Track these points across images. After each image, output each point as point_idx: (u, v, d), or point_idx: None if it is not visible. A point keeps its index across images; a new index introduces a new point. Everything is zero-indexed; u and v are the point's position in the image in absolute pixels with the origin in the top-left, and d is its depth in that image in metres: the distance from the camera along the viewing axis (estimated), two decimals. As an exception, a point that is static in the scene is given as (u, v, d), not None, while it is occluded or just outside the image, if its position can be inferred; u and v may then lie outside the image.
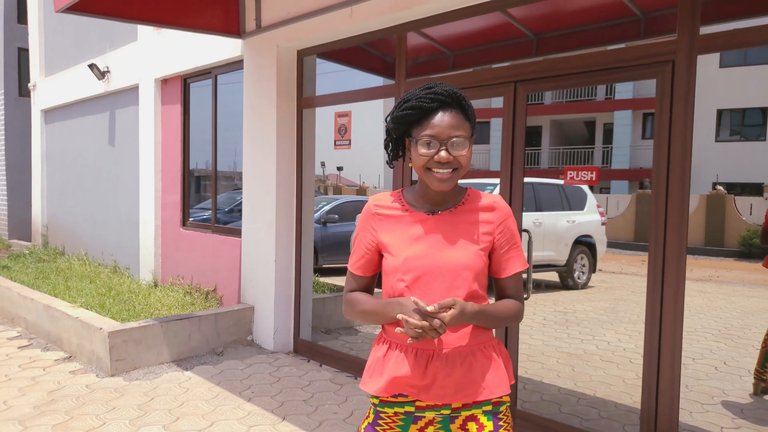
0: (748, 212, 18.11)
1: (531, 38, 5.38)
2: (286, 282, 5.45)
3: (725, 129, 23.80)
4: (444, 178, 1.60)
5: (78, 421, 3.86)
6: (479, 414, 1.64)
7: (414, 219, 1.70)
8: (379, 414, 1.70)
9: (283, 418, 3.96)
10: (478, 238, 1.67)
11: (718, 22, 4.26)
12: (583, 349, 5.96)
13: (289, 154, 5.41)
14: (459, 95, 1.64)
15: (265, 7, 5.30)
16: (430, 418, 1.66)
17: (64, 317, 5.40)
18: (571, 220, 9.76)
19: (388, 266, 1.69)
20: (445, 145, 1.59)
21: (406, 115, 1.63)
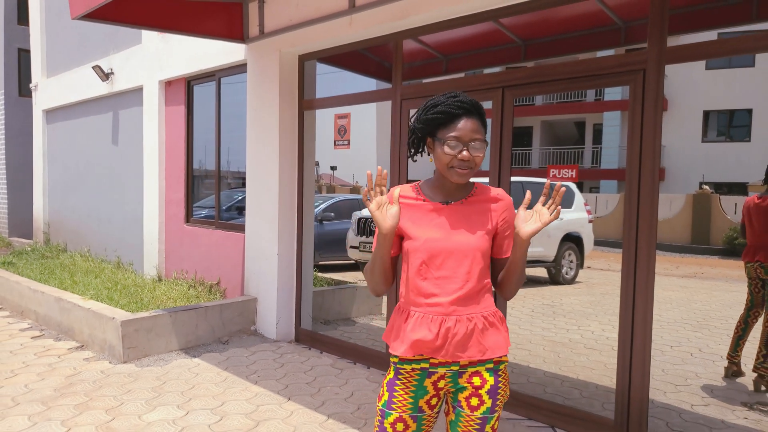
0: (732, 211, 18.52)
1: (519, 44, 5.71)
2: (288, 274, 5.76)
3: (712, 130, 24.24)
4: (463, 174, 1.89)
5: (97, 402, 4.15)
6: (483, 370, 1.93)
7: (431, 207, 1.98)
8: (398, 370, 1.97)
9: (289, 398, 4.27)
10: (484, 224, 1.96)
11: (686, 32, 4.62)
12: (569, 338, 6.30)
13: (291, 154, 5.71)
14: (479, 105, 1.93)
15: (268, 14, 5.60)
16: (442, 373, 1.93)
17: (76, 308, 5.68)
18: (560, 217, 10.10)
19: (408, 247, 1.96)
20: (466, 146, 1.87)
21: (435, 119, 1.90)
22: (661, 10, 3.37)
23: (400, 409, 1.93)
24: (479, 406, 1.91)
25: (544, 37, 5.67)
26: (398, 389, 1.95)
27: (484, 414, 1.92)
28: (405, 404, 1.94)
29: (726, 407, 4.33)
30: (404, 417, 1.93)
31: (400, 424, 1.93)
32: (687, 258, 16.63)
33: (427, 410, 1.96)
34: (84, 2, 4.56)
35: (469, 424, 1.93)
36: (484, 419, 1.92)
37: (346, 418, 3.92)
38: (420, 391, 1.95)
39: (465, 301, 1.91)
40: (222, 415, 3.94)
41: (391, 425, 1.93)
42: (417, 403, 1.94)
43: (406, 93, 4.74)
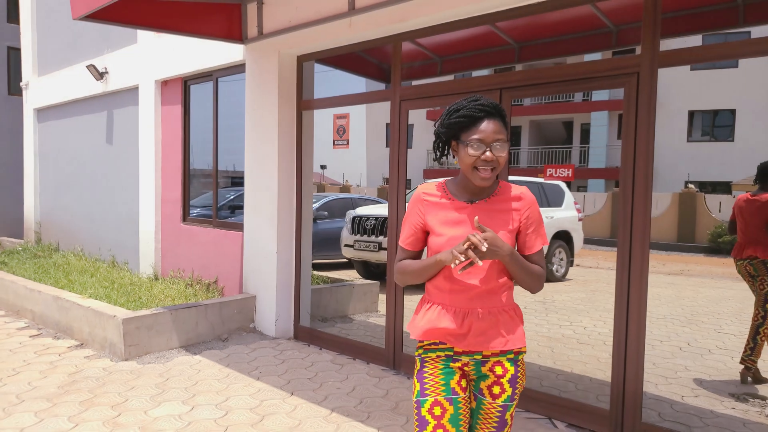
0: (717, 210, 18.83)
1: (513, 46, 5.83)
2: (286, 272, 5.84)
3: (697, 130, 24.57)
4: (486, 177, 1.94)
5: (102, 398, 4.21)
6: (504, 360, 2.02)
7: (456, 206, 2.04)
8: (424, 360, 2.06)
9: (292, 393, 4.36)
10: (508, 222, 2.02)
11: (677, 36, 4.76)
12: (562, 333, 6.44)
13: (290, 153, 5.79)
14: (500, 107, 1.98)
15: (266, 15, 5.67)
16: (465, 361, 2.02)
17: (75, 307, 5.72)
18: (550, 216, 10.26)
19: (434, 244, 2.03)
20: (489, 147, 1.92)
21: (458, 122, 1.96)
22: (653, 16, 3.50)
23: (434, 393, 1.99)
24: (501, 394, 2.01)
25: (537, 39, 5.80)
26: (428, 376, 2.02)
27: (505, 402, 2.01)
28: (438, 387, 1.99)
29: (715, 398, 4.48)
30: (440, 399, 1.97)
31: (438, 408, 1.97)
32: (673, 256, 16.89)
33: (460, 392, 2.01)
34: (86, 3, 4.61)
35: (490, 412, 2.02)
36: (505, 407, 2.02)
37: (349, 412, 4.01)
38: (449, 374, 2.01)
39: (488, 295, 2.00)
40: (227, 410, 4.02)
41: (428, 411, 1.97)
42: (449, 385, 2.00)
43: (405, 94, 4.84)
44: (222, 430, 3.72)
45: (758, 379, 4.78)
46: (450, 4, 4.20)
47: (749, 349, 4.70)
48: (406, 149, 4.89)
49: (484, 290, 1.99)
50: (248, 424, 3.80)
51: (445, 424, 1.96)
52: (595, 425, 3.78)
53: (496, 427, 2.05)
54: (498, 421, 2.04)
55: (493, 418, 2.03)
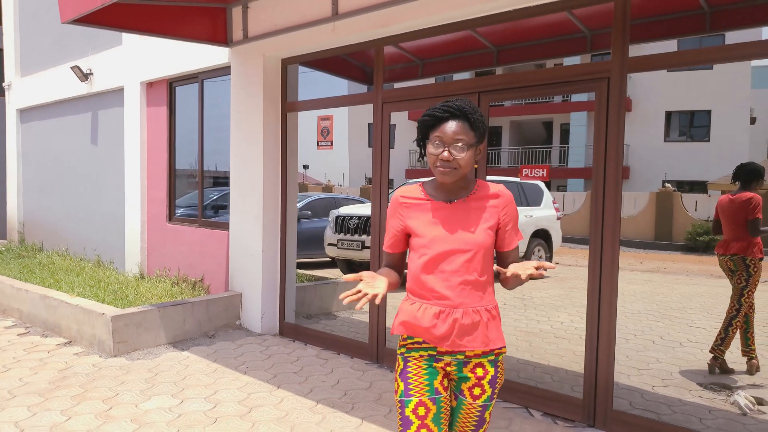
0: (693, 209, 19.24)
1: (492, 50, 6.03)
2: (272, 270, 5.98)
3: (674, 130, 25.05)
4: (444, 172, 1.99)
5: (93, 393, 4.31)
6: (485, 362, 2.05)
7: (435, 206, 2.08)
8: (407, 359, 2.07)
9: (278, 386, 4.50)
10: (486, 220, 2.06)
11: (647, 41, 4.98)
12: (539, 328, 6.65)
13: (275, 154, 5.93)
14: (466, 109, 2.01)
15: (252, 19, 5.80)
16: (448, 361, 2.04)
17: (63, 305, 5.79)
18: (529, 214, 10.49)
19: (415, 245, 2.08)
20: (448, 147, 1.98)
21: (425, 121, 2.04)
22: (623, 23, 3.70)
23: (419, 393, 2.01)
24: (481, 395, 2.05)
25: (515, 43, 6.00)
26: (411, 376, 2.04)
27: (485, 402, 2.06)
28: (422, 388, 2.02)
29: (683, 388, 4.70)
30: (424, 400, 2.00)
31: (422, 408, 1.99)
32: (651, 254, 17.24)
33: (442, 391, 2.03)
34: (74, 8, 4.71)
35: (470, 412, 2.07)
36: (485, 406, 2.07)
37: (334, 403, 4.17)
38: (432, 374, 2.04)
39: (469, 294, 2.03)
40: (216, 403, 4.15)
41: (412, 412, 1.99)
42: (433, 384, 2.02)
43: (387, 97, 5.00)
44: (212, 421, 3.85)
45: (725, 369, 5.02)
46: (429, 11, 4.37)
47: (720, 339, 4.94)
48: (388, 150, 5.05)
49: (467, 289, 2.02)
50: (237, 416, 3.93)
51: (428, 423, 1.99)
52: (569, 413, 3.98)
53: (475, 426, 2.10)
54: (477, 420, 2.09)
55: (473, 417, 2.08)
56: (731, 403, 4.30)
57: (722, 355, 4.99)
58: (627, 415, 3.79)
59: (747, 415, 4.10)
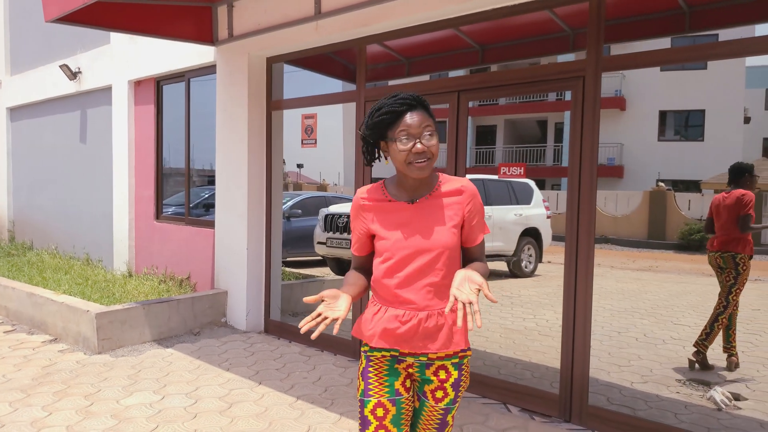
0: (687, 208, 19.32)
1: (477, 49, 6.07)
2: (257, 268, 6.01)
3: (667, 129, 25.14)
4: (422, 167, 1.91)
5: (76, 389, 4.34)
6: (448, 365, 2.00)
7: (397, 207, 2.00)
8: (369, 358, 2.03)
9: (260, 382, 4.53)
10: (451, 218, 1.99)
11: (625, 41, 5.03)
12: (524, 325, 6.69)
13: (259, 152, 5.96)
14: (420, 98, 1.95)
15: (237, 18, 5.83)
16: (410, 362, 2.00)
17: (49, 303, 5.82)
18: (519, 213, 10.54)
19: (379, 248, 2.02)
20: (419, 138, 1.90)
21: (383, 120, 1.93)
22: (597, 23, 3.74)
23: (378, 394, 1.98)
24: (443, 398, 2.01)
25: (500, 42, 6.04)
26: (372, 376, 2.01)
27: (447, 405, 2.02)
28: (382, 389, 1.99)
29: (662, 384, 4.75)
30: (383, 401, 1.97)
31: (380, 410, 1.97)
32: (644, 252, 17.32)
33: (403, 392, 2.00)
34: (58, 6, 4.73)
35: (432, 415, 2.03)
36: (447, 410, 2.03)
37: (314, 399, 4.20)
38: (393, 374, 2.00)
39: (434, 295, 1.97)
40: (197, 399, 4.18)
41: (371, 412, 1.97)
42: (393, 386, 1.99)
43: (370, 95, 5.03)
44: (191, 416, 3.88)
45: (705, 365, 5.07)
46: (409, 11, 4.41)
47: (705, 333, 5.01)
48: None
49: (432, 290, 1.96)
50: (217, 411, 3.96)
51: (387, 424, 1.97)
52: (546, 409, 4.02)
53: (437, 429, 2.06)
54: (439, 423, 2.05)
55: (435, 420, 2.04)
56: (707, 399, 4.35)
57: (705, 351, 5.05)
58: (602, 411, 3.83)
59: (722, 410, 4.15)
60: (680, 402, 4.34)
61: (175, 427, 3.72)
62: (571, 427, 3.82)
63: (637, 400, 4.37)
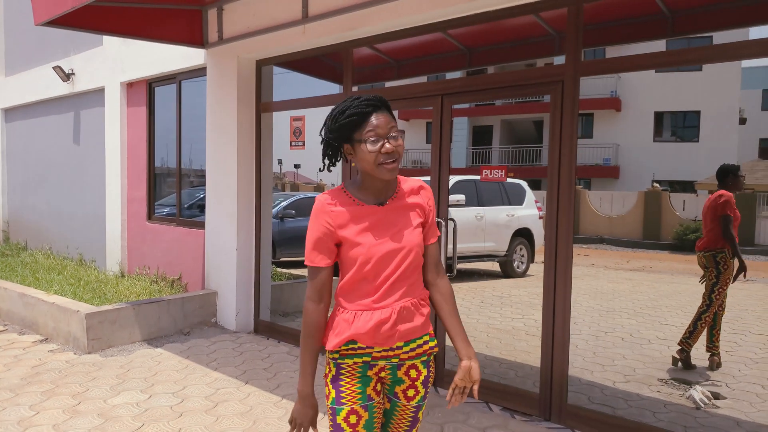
0: (681, 208, 19.40)
1: (465, 52, 6.13)
2: (246, 268, 6.07)
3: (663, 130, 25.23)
4: (392, 168, 1.91)
5: (64, 388, 4.40)
6: (418, 363, 2.03)
7: (367, 211, 1.97)
8: (340, 366, 1.99)
9: (246, 382, 4.60)
10: (416, 217, 2.03)
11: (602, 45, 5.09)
12: (512, 325, 6.76)
13: (249, 153, 6.02)
14: (384, 99, 1.96)
15: (226, 21, 5.89)
16: (382, 365, 1.99)
17: (40, 303, 5.87)
18: (511, 214, 10.60)
19: (353, 254, 1.95)
20: (387, 138, 1.90)
21: (349, 122, 1.90)
22: (576, 28, 3.80)
23: (351, 402, 1.97)
24: (415, 396, 2.04)
25: (488, 45, 6.10)
26: (344, 385, 1.99)
27: (418, 402, 2.05)
28: (354, 396, 1.97)
29: (644, 384, 4.81)
30: (355, 408, 1.96)
31: (353, 417, 1.96)
32: (638, 252, 17.38)
33: (375, 397, 2.01)
34: (47, 10, 4.79)
35: (405, 413, 2.05)
36: (418, 407, 2.06)
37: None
38: (365, 381, 2.00)
39: (408, 293, 2.00)
40: (183, 398, 4.24)
41: (344, 420, 1.96)
42: (365, 392, 1.98)
43: (356, 98, 5.08)
44: (177, 415, 3.94)
45: (688, 364, 5.14)
46: (393, 15, 4.47)
47: (688, 332, 5.10)
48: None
49: (407, 290, 1.99)
50: (202, 410, 4.02)
51: (360, 430, 1.98)
52: (527, 407, 4.08)
53: (408, 426, 2.09)
54: (411, 420, 2.09)
55: (407, 418, 2.07)
56: (687, 398, 4.42)
57: (689, 349, 5.13)
58: (582, 409, 3.89)
59: (700, 409, 4.21)
60: (660, 401, 4.40)
61: (160, 425, 3.78)
62: (551, 426, 3.89)
63: (618, 399, 4.44)
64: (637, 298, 8.98)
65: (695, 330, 5.07)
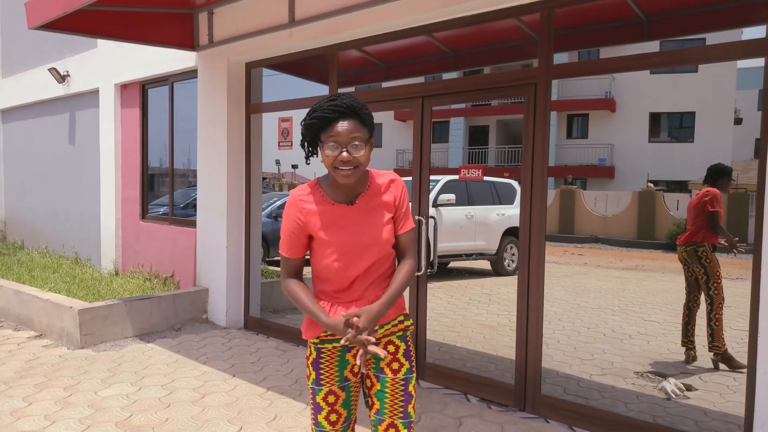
0: (675, 208, 19.54)
1: (451, 55, 6.28)
2: (236, 266, 6.21)
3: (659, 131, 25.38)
4: (347, 174, 1.95)
5: (56, 381, 4.54)
6: (394, 338, 2.15)
7: (337, 209, 2.06)
8: (320, 350, 2.13)
9: (234, 375, 4.74)
10: (386, 213, 2.10)
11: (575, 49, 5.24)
12: (498, 321, 6.91)
13: (238, 154, 6.17)
14: (355, 106, 1.95)
15: (216, 24, 6.03)
16: None
17: (35, 300, 6.02)
18: (501, 213, 10.75)
19: (321, 250, 2.07)
20: (346, 147, 1.93)
21: (314, 124, 1.97)
22: (548, 32, 3.95)
23: (329, 383, 2.12)
24: (400, 368, 2.12)
25: (472, 48, 6.25)
26: (323, 367, 2.13)
27: (405, 375, 2.12)
28: (332, 378, 2.13)
29: (620, 376, 4.96)
30: (333, 389, 2.13)
31: (331, 397, 2.13)
32: (632, 252, 17.51)
33: (351, 378, 2.15)
34: (41, 14, 4.93)
35: (395, 387, 2.10)
36: (407, 379, 2.12)
37: (284, 390, 4.41)
38: (343, 364, 2.13)
39: (378, 285, 2.12)
40: (171, 390, 4.39)
41: (323, 399, 2.13)
42: (342, 374, 2.14)
43: (341, 99, 5.23)
44: (165, 406, 4.09)
45: (728, 360, 5.07)
46: (374, 20, 4.63)
47: (709, 336, 5.08)
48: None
49: (374, 282, 2.10)
50: (189, 401, 4.17)
51: (338, 408, 2.14)
52: (503, 398, 4.23)
53: (403, 401, 2.11)
54: (404, 394, 2.11)
55: (399, 393, 2.10)
56: (659, 390, 4.57)
57: (721, 350, 5.06)
58: (555, 400, 4.04)
59: (671, 399, 4.36)
60: (633, 392, 4.55)
61: (148, 415, 3.93)
62: (525, 415, 4.04)
63: (593, 390, 4.59)
64: (624, 295, 9.13)
65: (713, 332, 5.04)
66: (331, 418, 2.14)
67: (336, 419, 2.15)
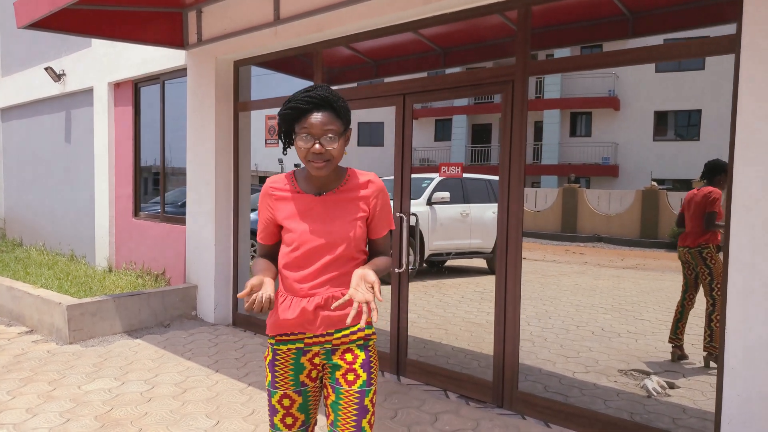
0: (678, 206, 19.43)
1: (439, 52, 6.29)
2: (225, 263, 6.26)
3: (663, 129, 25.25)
4: (319, 167, 1.93)
5: (41, 376, 4.60)
6: (354, 347, 2.05)
7: (304, 199, 2.04)
8: (276, 351, 2.08)
9: (217, 370, 4.78)
10: (357, 211, 2.05)
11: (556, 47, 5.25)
12: (487, 319, 6.91)
13: (227, 152, 6.20)
14: (330, 98, 1.92)
15: (205, 23, 6.07)
16: (316, 351, 2.05)
17: (26, 296, 6.08)
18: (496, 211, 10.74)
19: (287, 239, 2.05)
20: (318, 140, 1.90)
21: (287, 114, 1.94)
22: (525, 30, 3.96)
23: (284, 386, 2.06)
24: (356, 380, 2.02)
25: (460, 45, 6.25)
26: (278, 369, 2.07)
27: (361, 387, 2.01)
28: (287, 382, 2.06)
29: (603, 374, 4.96)
30: (288, 393, 2.06)
31: (287, 400, 2.07)
32: (635, 251, 17.44)
33: (309, 383, 2.09)
34: (28, 13, 4.99)
35: (349, 400, 2.00)
36: (362, 392, 2.01)
37: (264, 386, 4.44)
38: (298, 368, 2.06)
39: (340, 283, 2.04)
40: (154, 385, 4.43)
41: (278, 402, 2.07)
42: (298, 379, 2.07)
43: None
44: (146, 400, 4.13)
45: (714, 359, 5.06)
46: (356, 18, 4.66)
47: (708, 336, 5.07)
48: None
49: (335, 277, 2.02)
50: (170, 396, 4.21)
51: (293, 412, 2.08)
52: (482, 395, 4.25)
53: (356, 415, 2.01)
54: (357, 407, 2.01)
55: (353, 405, 2.01)
56: (641, 387, 4.57)
57: (716, 351, 5.07)
58: (533, 397, 4.05)
59: (652, 397, 4.36)
60: (614, 390, 4.55)
61: (128, 409, 3.97)
62: (502, 412, 4.05)
63: (573, 388, 4.59)
64: (617, 294, 9.11)
65: (713, 332, 5.01)
66: (287, 421, 2.10)
67: (292, 422, 2.10)
